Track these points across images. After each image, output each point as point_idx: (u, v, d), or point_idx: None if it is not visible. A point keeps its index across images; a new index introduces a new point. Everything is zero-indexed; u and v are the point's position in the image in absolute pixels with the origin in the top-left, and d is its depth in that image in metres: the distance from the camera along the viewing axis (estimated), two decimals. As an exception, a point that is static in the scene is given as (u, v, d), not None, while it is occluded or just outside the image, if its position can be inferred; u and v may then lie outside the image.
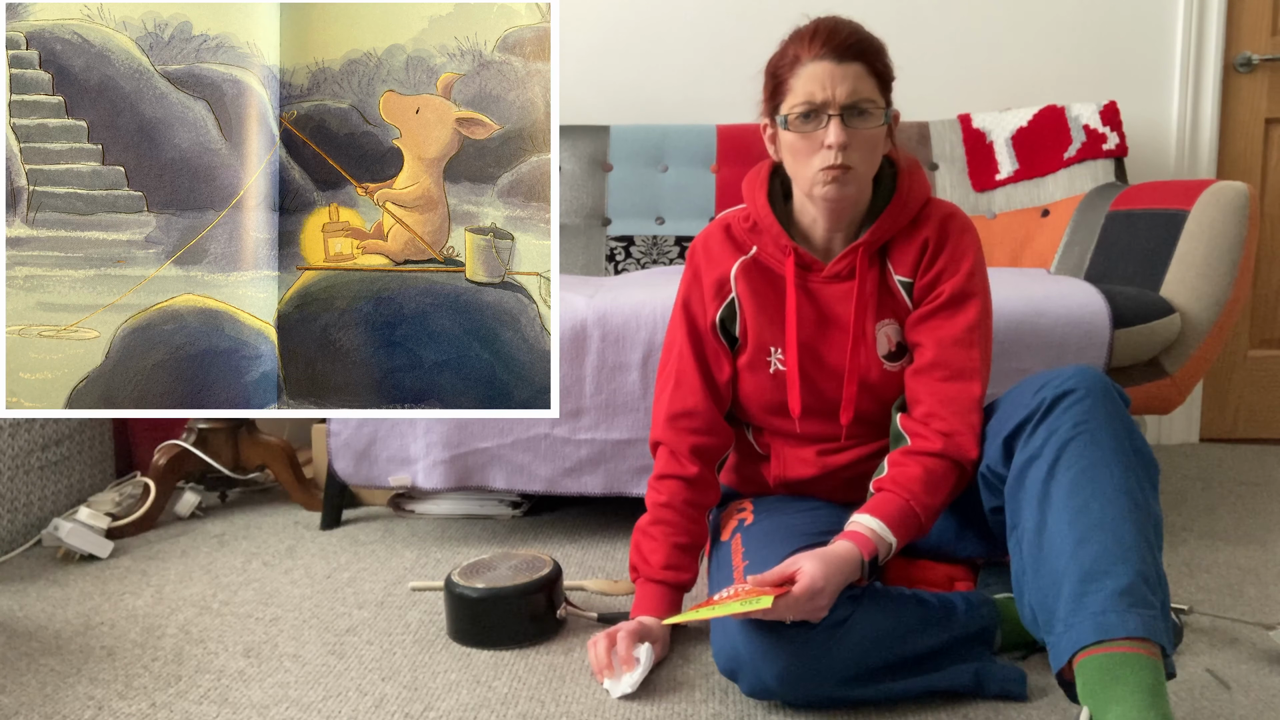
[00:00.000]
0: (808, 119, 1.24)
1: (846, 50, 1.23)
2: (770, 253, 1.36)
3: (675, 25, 2.58)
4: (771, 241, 1.35)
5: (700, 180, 2.43)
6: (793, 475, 1.40)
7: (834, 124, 1.22)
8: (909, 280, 1.32)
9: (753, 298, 1.37)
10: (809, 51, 1.24)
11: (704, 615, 1.15)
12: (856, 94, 1.23)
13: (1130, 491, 1.06)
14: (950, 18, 2.55)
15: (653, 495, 1.40)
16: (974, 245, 1.33)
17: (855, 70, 1.23)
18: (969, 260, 1.31)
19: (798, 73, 1.25)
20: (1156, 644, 0.99)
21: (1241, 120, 2.54)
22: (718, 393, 1.40)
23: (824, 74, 1.23)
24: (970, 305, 1.29)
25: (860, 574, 1.18)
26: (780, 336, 1.35)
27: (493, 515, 2.01)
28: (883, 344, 1.34)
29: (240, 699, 1.27)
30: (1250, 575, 1.64)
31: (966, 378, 1.27)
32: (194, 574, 1.74)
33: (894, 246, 1.33)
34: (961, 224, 1.33)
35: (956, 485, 1.26)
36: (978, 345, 1.28)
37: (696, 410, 1.39)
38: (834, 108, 1.23)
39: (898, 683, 1.19)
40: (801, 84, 1.24)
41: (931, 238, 1.32)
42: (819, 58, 1.23)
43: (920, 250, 1.32)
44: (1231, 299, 1.80)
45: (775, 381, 1.36)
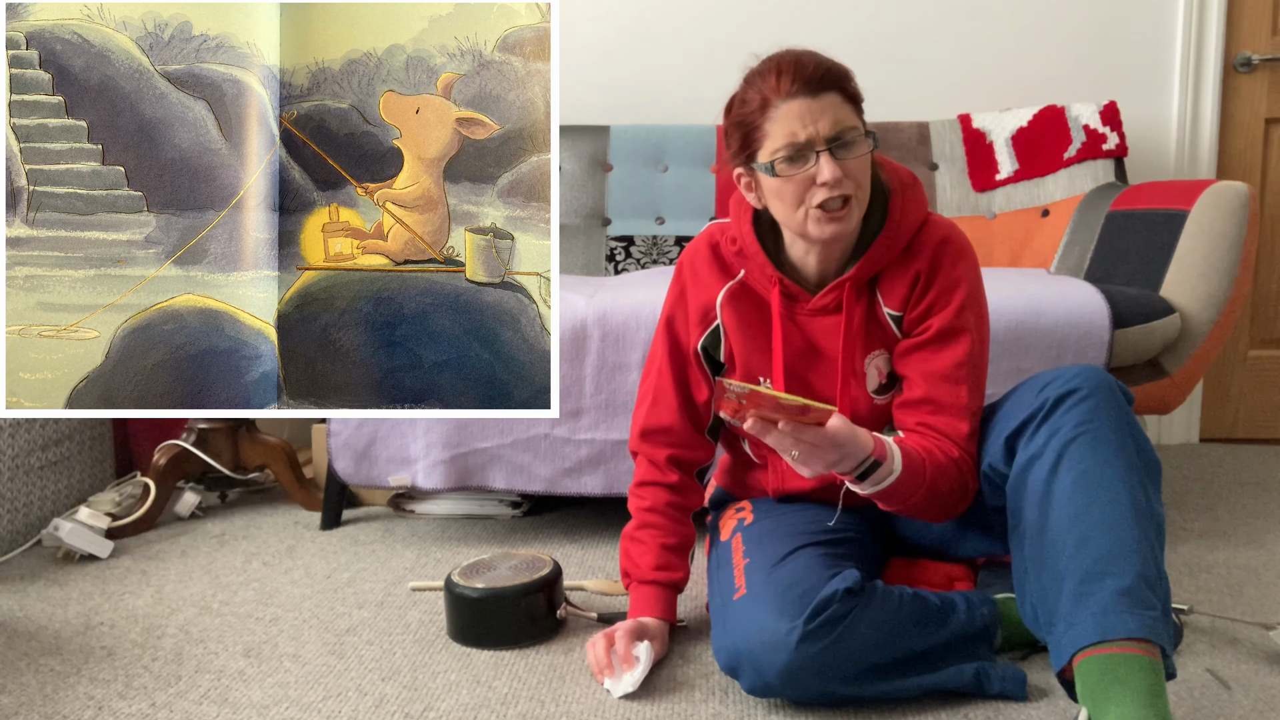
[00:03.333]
0: (794, 161, 1.17)
1: (818, 82, 1.16)
2: (757, 279, 1.32)
3: (675, 25, 2.58)
4: (758, 270, 1.32)
5: (700, 180, 2.43)
6: (792, 487, 1.40)
7: (824, 159, 1.16)
8: (898, 314, 1.28)
9: (740, 326, 1.34)
10: (778, 92, 1.17)
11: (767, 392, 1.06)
12: (839, 124, 1.16)
13: (1132, 492, 1.06)
14: (950, 18, 2.55)
15: (635, 501, 1.40)
16: (968, 275, 1.27)
17: (832, 100, 1.17)
18: (961, 293, 1.26)
19: (770, 116, 1.17)
20: (1157, 644, 0.99)
21: (1241, 120, 2.54)
22: (695, 412, 1.39)
23: (801, 111, 1.16)
24: (960, 341, 1.25)
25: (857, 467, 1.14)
26: (768, 365, 1.33)
27: (493, 515, 2.01)
28: (873, 378, 1.30)
29: (240, 699, 1.27)
30: (1250, 575, 1.64)
31: (954, 414, 1.24)
32: (194, 574, 1.74)
33: (884, 277, 1.28)
34: (956, 251, 1.27)
35: (960, 498, 1.24)
36: (966, 381, 1.24)
37: (671, 428, 1.38)
38: (820, 143, 1.16)
39: (898, 681, 1.19)
40: (779, 127, 1.17)
41: (923, 271, 1.26)
42: (791, 95, 1.16)
43: (911, 284, 1.27)
44: (1231, 299, 1.80)
45: None
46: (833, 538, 1.31)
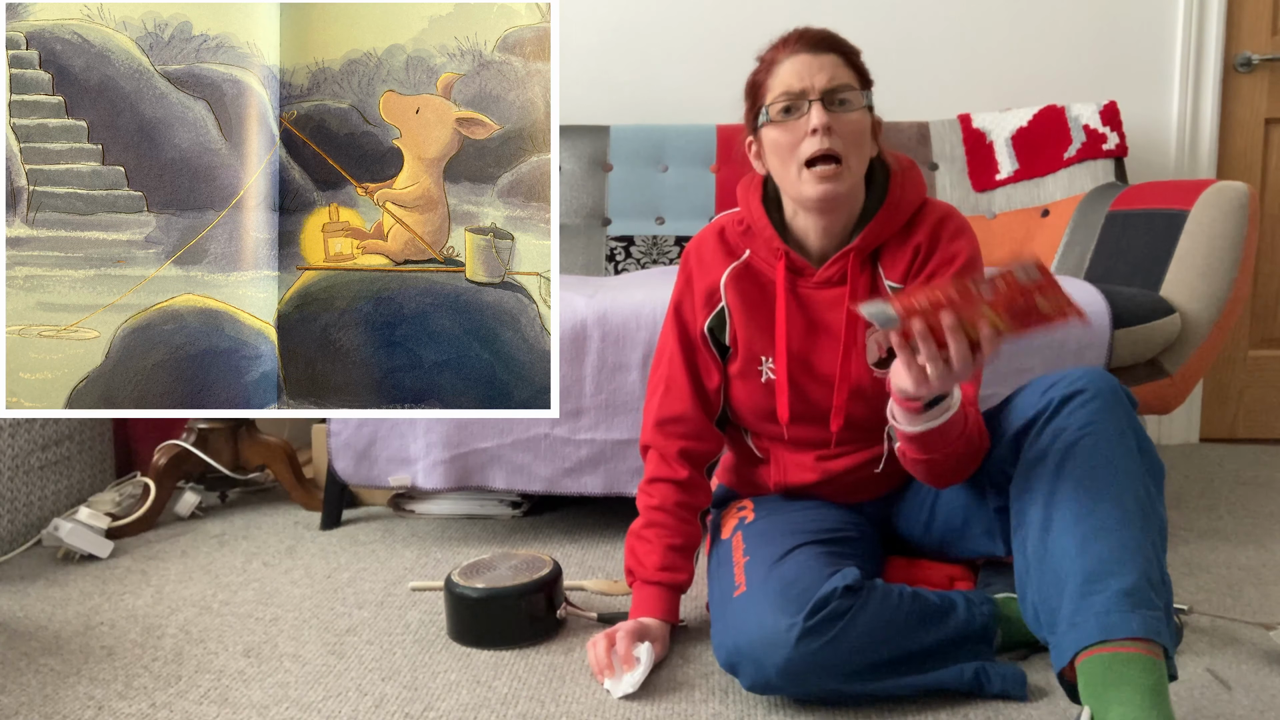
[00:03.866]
0: (789, 111, 1.23)
1: (820, 43, 1.24)
2: (762, 256, 1.34)
3: (675, 25, 2.58)
4: (764, 245, 1.33)
5: (700, 180, 2.43)
6: (793, 481, 1.40)
7: (815, 108, 1.21)
8: (899, 286, 1.30)
9: (743, 306, 1.35)
10: (784, 51, 1.25)
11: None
12: (835, 80, 1.22)
13: (1136, 493, 1.06)
14: (950, 18, 2.55)
15: (644, 499, 1.40)
16: (967, 249, 1.30)
17: (832, 59, 1.23)
18: (959, 264, 1.29)
19: (774, 72, 1.25)
20: (1159, 645, 0.99)
21: (1241, 120, 2.54)
22: (707, 399, 1.39)
23: (800, 65, 1.23)
24: None
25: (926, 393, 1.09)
26: (770, 346, 1.34)
27: (493, 515, 2.01)
28: (873, 351, 1.31)
29: (240, 699, 1.27)
30: (1250, 575, 1.64)
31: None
32: (194, 574, 1.74)
33: (886, 251, 1.31)
34: (956, 227, 1.31)
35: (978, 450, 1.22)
36: None
37: (685, 416, 1.38)
38: (814, 93, 1.22)
39: (898, 679, 1.19)
40: (778, 80, 1.24)
41: (924, 243, 1.30)
42: (794, 53, 1.24)
43: (912, 255, 1.30)
44: (1231, 299, 1.80)
45: (766, 390, 1.35)
46: (833, 536, 1.31)
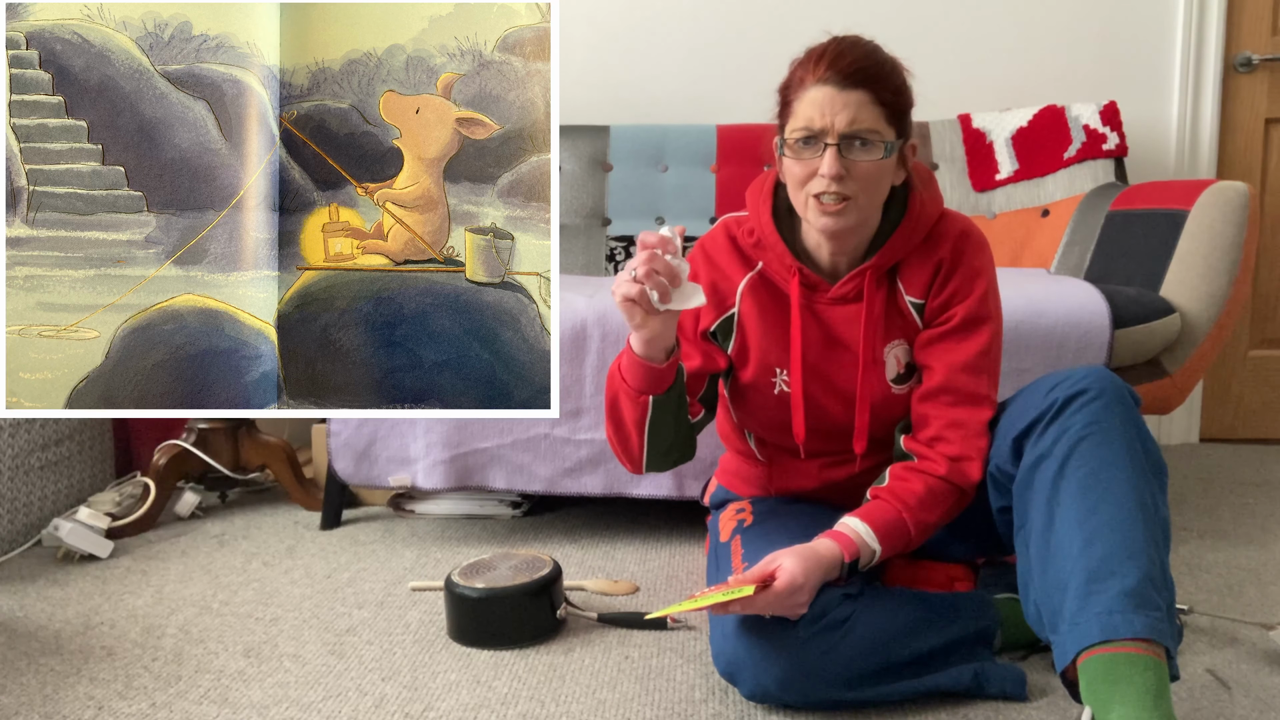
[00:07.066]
0: (805, 145, 1.19)
1: (850, 76, 1.17)
2: (775, 269, 1.32)
3: (675, 25, 2.58)
4: (776, 259, 1.32)
5: (700, 180, 2.43)
6: (793, 486, 1.40)
7: (829, 154, 1.17)
8: (920, 302, 1.29)
9: (759, 317, 1.33)
10: (813, 74, 1.19)
11: (687, 607, 1.15)
12: (856, 123, 1.17)
13: (1139, 493, 1.06)
14: (950, 18, 2.55)
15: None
16: (988, 265, 1.29)
17: (858, 98, 1.17)
18: (983, 282, 1.27)
19: (801, 95, 1.20)
20: (1161, 645, 0.99)
21: (1241, 120, 2.54)
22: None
23: (824, 100, 1.17)
24: (982, 330, 1.26)
25: (840, 574, 1.17)
26: (786, 358, 1.32)
27: (493, 515, 2.01)
28: (891, 367, 1.31)
29: (240, 699, 1.27)
30: (1250, 575, 1.64)
31: (975, 403, 1.25)
32: (194, 574, 1.74)
33: (905, 265, 1.29)
34: (977, 243, 1.29)
35: (955, 506, 1.25)
36: (987, 370, 1.26)
37: None
38: (831, 136, 1.17)
39: (898, 684, 1.19)
40: (803, 108, 1.19)
41: (946, 258, 1.27)
42: (822, 81, 1.18)
43: (934, 271, 1.28)
44: (1231, 299, 1.80)
45: (779, 402, 1.33)
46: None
